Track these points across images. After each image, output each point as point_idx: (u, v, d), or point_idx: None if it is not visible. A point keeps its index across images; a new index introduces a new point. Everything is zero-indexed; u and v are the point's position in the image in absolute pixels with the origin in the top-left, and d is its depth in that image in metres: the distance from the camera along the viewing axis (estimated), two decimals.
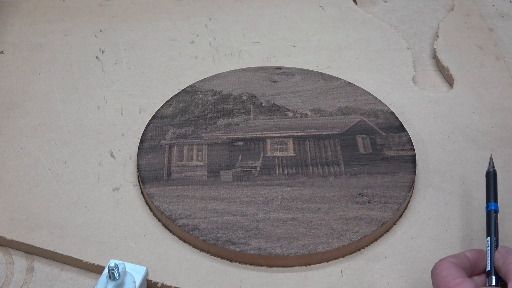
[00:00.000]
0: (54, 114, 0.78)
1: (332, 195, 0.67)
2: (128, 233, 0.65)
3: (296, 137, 0.73)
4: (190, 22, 0.94)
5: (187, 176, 0.69)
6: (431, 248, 0.64)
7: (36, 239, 0.64)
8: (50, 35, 0.91)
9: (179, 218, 0.64)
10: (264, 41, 0.90)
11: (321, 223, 0.64)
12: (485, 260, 0.56)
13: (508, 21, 0.95)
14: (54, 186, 0.70)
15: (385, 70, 0.85)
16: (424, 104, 0.80)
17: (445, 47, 0.89)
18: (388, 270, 0.62)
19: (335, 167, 0.70)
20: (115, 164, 0.72)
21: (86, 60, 0.87)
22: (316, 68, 0.84)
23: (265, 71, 0.83)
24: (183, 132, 0.74)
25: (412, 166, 0.70)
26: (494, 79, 0.83)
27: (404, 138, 0.73)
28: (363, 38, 0.91)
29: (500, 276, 0.55)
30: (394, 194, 0.67)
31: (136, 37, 0.91)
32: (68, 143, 0.75)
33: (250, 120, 0.76)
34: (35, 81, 0.83)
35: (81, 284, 0.62)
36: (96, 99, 0.81)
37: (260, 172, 0.69)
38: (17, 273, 0.63)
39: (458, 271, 0.54)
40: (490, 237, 0.57)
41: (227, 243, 0.62)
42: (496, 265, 0.55)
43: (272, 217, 0.65)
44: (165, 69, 0.85)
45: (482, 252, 0.57)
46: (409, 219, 0.67)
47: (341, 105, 0.77)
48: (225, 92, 0.80)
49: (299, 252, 0.61)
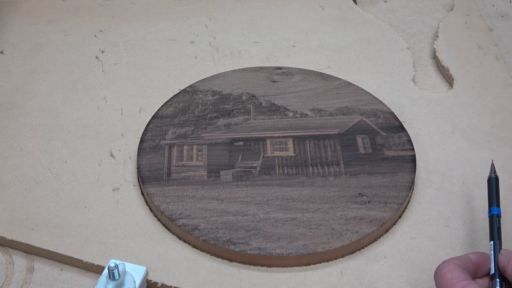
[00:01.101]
0: (54, 114, 0.78)
1: (332, 195, 0.67)
2: (128, 233, 0.65)
3: (296, 137, 0.73)
4: (190, 22, 0.94)
5: (187, 176, 0.69)
6: (431, 248, 0.64)
7: (36, 239, 0.64)
8: (50, 35, 0.91)
9: (179, 218, 0.64)
10: (264, 41, 0.90)
11: (321, 223, 0.64)
12: (488, 263, 0.56)
13: (508, 21, 0.95)
14: (54, 186, 0.70)
15: (385, 70, 0.85)
16: (424, 104, 0.80)
17: (445, 47, 0.89)
18: (388, 270, 0.62)
19: (335, 167, 0.70)
20: (115, 164, 0.72)
21: (86, 60, 0.87)
22: (316, 68, 0.84)
23: (265, 71, 0.83)
24: (183, 132, 0.74)
25: (412, 166, 0.70)
26: (494, 79, 0.83)
27: (404, 138, 0.73)
28: (363, 38, 0.91)
29: (505, 279, 0.55)
30: (394, 194, 0.67)
31: (136, 37, 0.91)
32: (68, 143, 0.75)
33: (250, 120, 0.76)
34: (35, 81, 0.83)
35: (81, 284, 0.62)
36: (96, 99, 0.81)
37: (260, 172, 0.69)
38: (17, 273, 0.63)
39: (463, 273, 0.54)
40: (494, 241, 0.57)
41: (227, 243, 0.62)
42: (501, 267, 0.55)
43: (272, 217, 0.65)
44: (165, 69, 0.85)
45: (485, 255, 0.57)
46: (409, 219, 0.67)
47: (341, 105, 0.77)
48: (225, 92, 0.80)
49: (299, 252, 0.61)
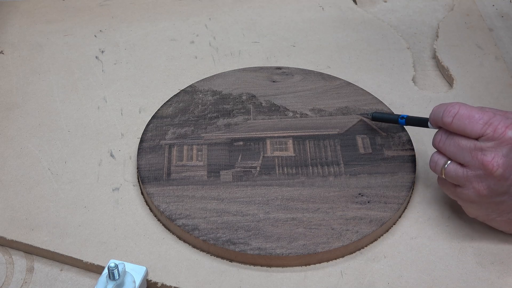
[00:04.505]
0: (54, 114, 0.78)
1: (332, 195, 0.67)
2: (128, 233, 0.65)
3: (296, 137, 0.73)
4: (190, 22, 0.94)
5: (187, 176, 0.69)
6: (431, 248, 0.64)
7: (36, 239, 0.64)
8: (50, 35, 0.91)
9: (178, 218, 0.64)
10: (264, 41, 0.90)
11: (321, 223, 0.64)
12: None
13: (508, 21, 0.95)
14: (54, 186, 0.70)
15: (385, 70, 0.85)
16: (424, 104, 0.80)
17: (445, 47, 0.89)
18: (388, 270, 0.62)
19: (335, 167, 0.70)
20: (115, 164, 0.72)
21: (86, 60, 0.87)
22: (316, 68, 0.84)
23: (265, 71, 0.83)
24: (183, 132, 0.74)
25: (412, 166, 0.70)
26: (494, 79, 0.83)
27: (404, 138, 0.73)
28: (363, 38, 0.91)
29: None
30: (394, 194, 0.67)
31: (136, 37, 0.91)
32: (68, 143, 0.75)
33: (250, 120, 0.76)
34: (35, 81, 0.83)
35: (81, 284, 0.62)
36: (96, 99, 0.81)
37: (260, 172, 0.69)
38: (17, 273, 0.63)
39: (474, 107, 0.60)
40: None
41: (227, 243, 0.62)
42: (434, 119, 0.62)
43: (272, 217, 0.65)
44: (165, 69, 0.85)
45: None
46: (409, 219, 0.67)
47: (341, 105, 0.77)
48: (225, 92, 0.80)
49: (299, 252, 0.61)
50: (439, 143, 0.61)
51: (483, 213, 0.62)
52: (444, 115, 0.60)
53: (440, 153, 0.62)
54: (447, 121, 0.60)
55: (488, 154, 0.57)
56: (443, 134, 0.61)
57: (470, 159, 0.58)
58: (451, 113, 0.59)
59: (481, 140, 0.58)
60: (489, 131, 0.57)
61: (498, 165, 0.57)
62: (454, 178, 0.60)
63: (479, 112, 0.58)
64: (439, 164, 0.61)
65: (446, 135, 0.61)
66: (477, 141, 0.58)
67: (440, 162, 0.61)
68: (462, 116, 0.59)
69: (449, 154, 0.60)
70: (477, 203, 0.60)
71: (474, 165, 0.58)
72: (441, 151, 0.62)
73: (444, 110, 0.60)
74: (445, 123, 0.60)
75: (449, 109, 0.60)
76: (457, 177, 0.60)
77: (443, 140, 0.61)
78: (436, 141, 0.62)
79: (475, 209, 0.62)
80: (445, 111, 0.60)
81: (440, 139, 0.61)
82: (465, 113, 0.59)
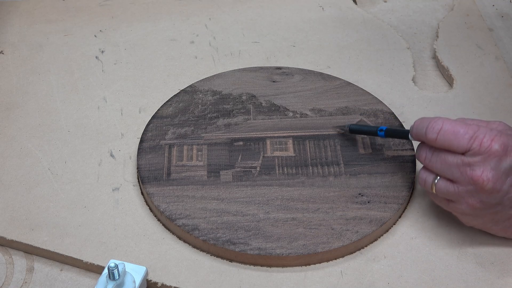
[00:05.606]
0: (54, 114, 0.78)
1: (332, 195, 0.67)
2: (128, 233, 0.65)
3: (296, 137, 0.73)
4: (190, 22, 0.94)
5: (187, 176, 0.69)
6: (431, 248, 0.64)
7: (36, 239, 0.64)
8: (50, 35, 0.91)
9: (179, 218, 0.64)
10: (264, 41, 0.90)
11: (321, 223, 0.64)
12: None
13: (508, 21, 0.95)
14: (54, 186, 0.70)
15: (385, 70, 0.85)
16: (424, 104, 0.80)
17: (445, 47, 0.89)
18: (388, 270, 0.62)
19: (335, 167, 0.70)
20: (115, 164, 0.72)
21: (86, 60, 0.87)
22: (316, 68, 0.84)
23: (265, 71, 0.83)
24: (183, 132, 0.74)
25: (412, 166, 0.70)
26: (494, 79, 0.83)
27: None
28: (363, 38, 0.91)
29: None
30: (394, 194, 0.67)
31: (136, 37, 0.91)
32: (68, 143, 0.75)
33: (250, 120, 0.76)
34: (35, 81, 0.83)
35: (81, 284, 0.62)
36: (96, 99, 0.81)
37: (260, 172, 0.69)
38: (17, 273, 0.63)
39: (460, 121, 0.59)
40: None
41: (227, 243, 0.62)
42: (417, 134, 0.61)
43: (272, 217, 0.65)
44: (165, 69, 0.85)
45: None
46: (409, 219, 0.67)
47: (341, 105, 0.77)
48: (225, 92, 0.80)
49: (299, 252, 0.61)
50: (425, 160, 0.60)
51: (479, 223, 0.61)
52: (428, 132, 0.59)
53: (427, 170, 0.61)
54: (431, 138, 0.59)
55: (476, 169, 0.56)
56: (428, 151, 0.60)
57: (459, 176, 0.58)
58: (434, 129, 0.58)
59: (467, 155, 0.57)
60: (475, 145, 0.56)
61: (488, 179, 0.56)
62: (445, 194, 0.60)
63: (464, 126, 0.57)
64: (428, 182, 0.61)
65: (431, 152, 0.60)
66: (463, 156, 0.57)
67: (429, 180, 0.60)
68: (446, 132, 0.58)
69: (436, 171, 0.60)
70: (472, 215, 0.60)
71: (464, 181, 0.57)
72: (427, 168, 0.61)
73: (427, 127, 0.59)
74: (429, 140, 0.59)
75: (432, 125, 0.59)
76: (449, 194, 0.59)
77: (428, 157, 0.60)
78: (422, 158, 0.61)
79: (470, 220, 0.61)
80: (429, 127, 0.59)
81: (425, 156, 0.60)
82: (449, 129, 0.58)
